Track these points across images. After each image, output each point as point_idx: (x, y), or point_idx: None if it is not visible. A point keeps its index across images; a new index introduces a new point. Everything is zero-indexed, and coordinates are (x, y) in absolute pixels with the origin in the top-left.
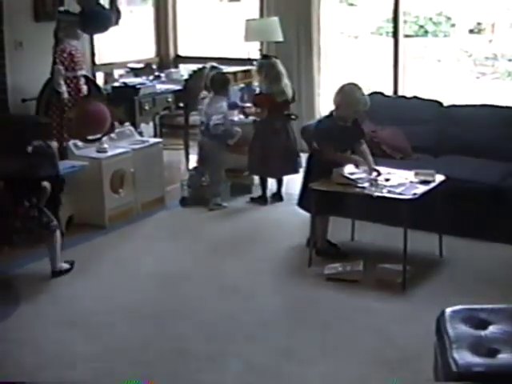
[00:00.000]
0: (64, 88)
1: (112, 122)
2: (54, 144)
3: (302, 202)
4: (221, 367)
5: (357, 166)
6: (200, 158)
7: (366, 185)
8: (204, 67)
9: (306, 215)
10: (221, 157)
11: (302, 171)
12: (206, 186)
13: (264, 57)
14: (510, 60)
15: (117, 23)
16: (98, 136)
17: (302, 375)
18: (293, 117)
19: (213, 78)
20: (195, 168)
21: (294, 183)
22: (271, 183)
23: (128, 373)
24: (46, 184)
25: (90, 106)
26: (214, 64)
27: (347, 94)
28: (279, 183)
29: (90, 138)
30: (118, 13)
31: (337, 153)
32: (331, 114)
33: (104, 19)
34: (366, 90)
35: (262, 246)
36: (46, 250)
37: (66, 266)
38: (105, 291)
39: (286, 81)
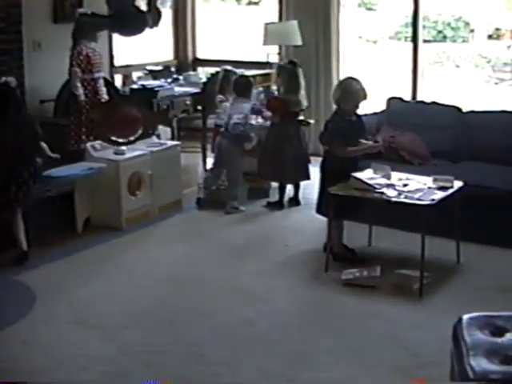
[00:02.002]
0: (81, 90)
1: (145, 128)
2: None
3: (321, 208)
4: (235, 371)
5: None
6: (217, 160)
7: (384, 190)
8: (218, 71)
9: (323, 220)
10: (239, 159)
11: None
12: (223, 188)
13: (290, 62)
14: None
15: (156, 25)
16: (130, 139)
17: (316, 381)
18: (304, 123)
19: (236, 80)
20: (211, 170)
21: (311, 188)
22: (289, 188)
23: (141, 376)
24: None
25: (125, 109)
26: (228, 67)
27: (346, 87)
28: (296, 188)
29: (120, 140)
30: (159, 14)
31: (349, 148)
32: (335, 112)
33: (138, 21)
34: (385, 95)
35: (279, 250)
36: (60, 250)
37: None
38: (119, 293)
39: (302, 92)
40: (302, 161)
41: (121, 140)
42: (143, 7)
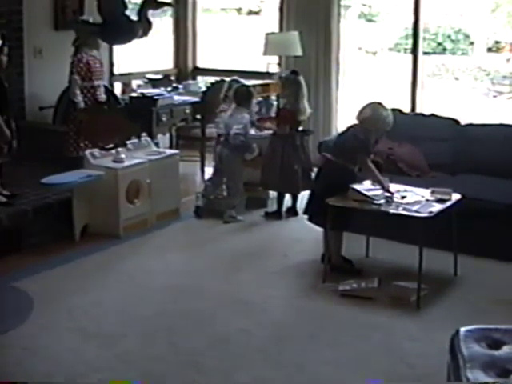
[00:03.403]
0: (80, 98)
1: (124, 135)
2: None
3: (312, 216)
4: (232, 381)
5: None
6: (217, 169)
7: (382, 202)
8: (223, 80)
9: (321, 231)
10: (240, 169)
11: None
12: (222, 198)
13: (292, 72)
14: None
15: (145, 34)
16: (109, 145)
17: None
18: (308, 133)
19: (237, 90)
20: (210, 179)
21: None
22: (287, 198)
23: None
24: None
25: (104, 116)
26: (236, 77)
27: (375, 110)
28: (294, 198)
29: (102, 144)
30: (149, 24)
31: (370, 164)
32: (356, 126)
33: (127, 31)
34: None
35: (276, 260)
36: (58, 258)
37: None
38: (118, 301)
39: (305, 100)
40: (307, 170)
41: (102, 144)
42: (133, 17)
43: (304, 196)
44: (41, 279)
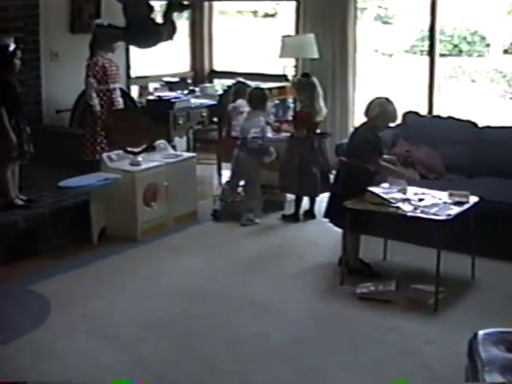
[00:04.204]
0: (96, 101)
1: (151, 139)
2: None
3: (329, 216)
4: None
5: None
6: (234, 173)
7: (400, 204)
8: (239, 82)
9: (338, 234)
10: (257, 172)
11: None
12: (239, 201)
13: (303, 75)
14: None
15: (171, 38)
16: (136, 149)
17: None
18: (326, 135)
19: (251, 93)
20: (228, 182)
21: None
22: (304, 201)
23: None
24: None
25: (130, 120)
26: (241, 79)
27: (384, 106)
28: (312, 201)
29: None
30: (174, 27)
31: (383, 163)
32: (362, 126)
33: (152, 34)
34: (401, 109)
35: (293, 263)
36: (75, 261)
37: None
38: (134, 305)
39: (321, 100)
40: (325, 173)
41: (131, 149)
42: (159, 20)
43: (322, 199)
44: (57, 282)
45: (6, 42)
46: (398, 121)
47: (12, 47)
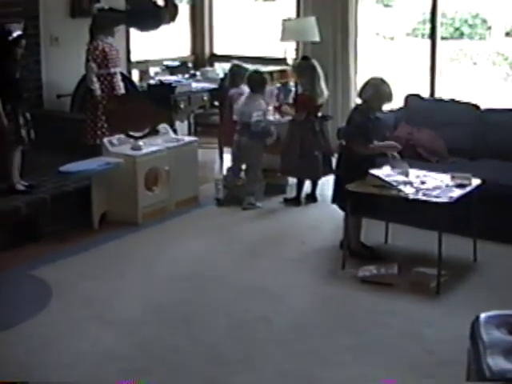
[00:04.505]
0: (97, 85)
1: (154, 123)
2: None
3: (336, 199)
4: (250, 370)
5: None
6: (236, 157)
7: (402, 187)
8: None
9: (340, 217)
10: (259, 156)
11: None
12: (241, 185)
13: (303, 58)
14: None
15: (173, 20)
16: (139, 134)
17: (332, 379)
18: (328, 118)
19: (250, 76)
20: (230, 168)
21: (328, 185)
22: (306, 184)
23: (156, 373)
24: None
25: (132, 104)
26: (237, 62)
27: (378, 87)
28: (314, 184)
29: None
30: (175, 9)
31: (370, 145)
32: (357, 108)
33: (154, 17)
34: (402, 92)
35: (295, 247)
36: (76, 245)
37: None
38: (135, 289)
39: (322, 82)
40: (327, 155)
41: (133, 133)
42: (160, 2)
43: (324, 182)
44: (59, 267)
45: (9, 27)
46: (400, 103)
47: (15, 34)
